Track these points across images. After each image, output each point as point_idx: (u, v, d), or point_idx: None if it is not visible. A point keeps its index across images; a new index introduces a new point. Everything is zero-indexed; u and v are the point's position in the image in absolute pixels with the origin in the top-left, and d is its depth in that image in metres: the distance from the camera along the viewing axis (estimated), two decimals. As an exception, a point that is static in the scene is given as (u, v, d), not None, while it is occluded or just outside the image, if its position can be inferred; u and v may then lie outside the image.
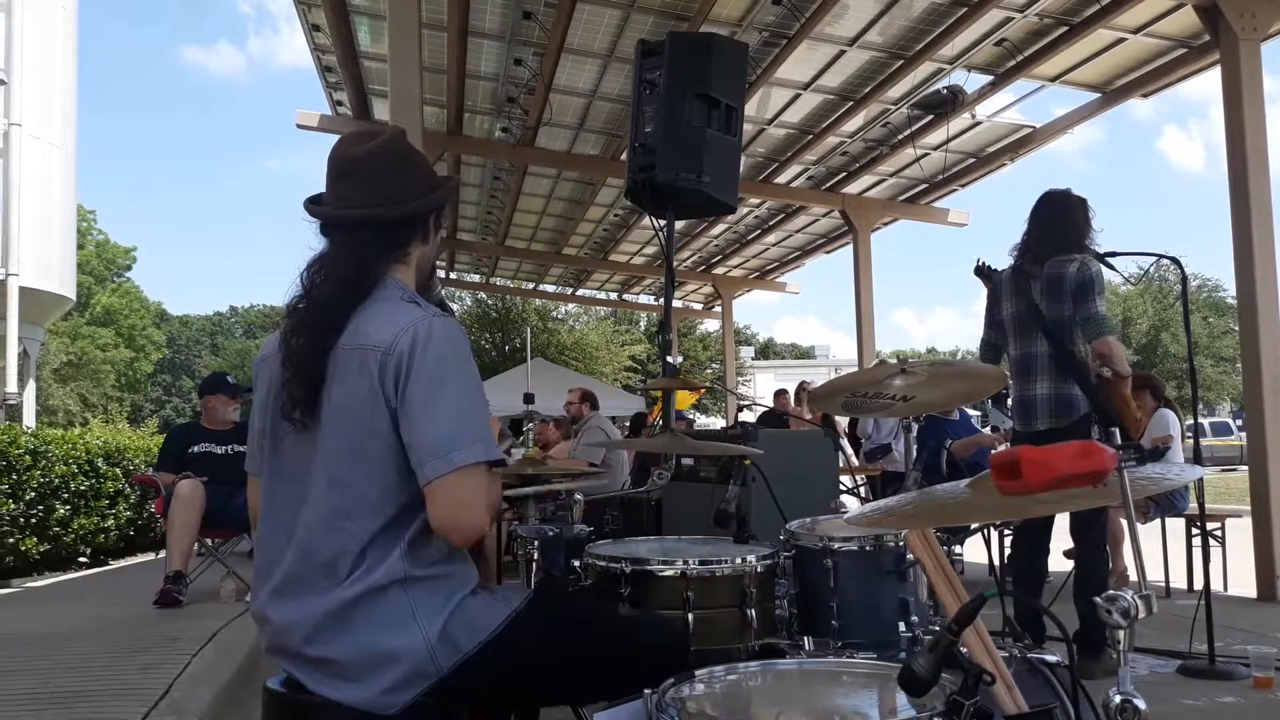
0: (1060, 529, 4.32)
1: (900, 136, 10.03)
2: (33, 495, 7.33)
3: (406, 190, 1.88)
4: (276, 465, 1.85)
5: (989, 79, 8.64)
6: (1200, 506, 4.92)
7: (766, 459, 2.95)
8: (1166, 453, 6.20)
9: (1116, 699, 1.29)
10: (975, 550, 7.44)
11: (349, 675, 1.70)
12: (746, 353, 49.88)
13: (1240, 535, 6.44)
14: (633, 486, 6.48)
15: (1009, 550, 5.14)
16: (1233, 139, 6.46)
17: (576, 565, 2.45)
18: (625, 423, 12.54)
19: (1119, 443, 1.37)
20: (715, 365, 35.10)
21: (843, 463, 6.31)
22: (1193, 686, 4.01)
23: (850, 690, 1.66)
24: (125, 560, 8.91)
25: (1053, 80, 8.54)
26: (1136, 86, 8.39)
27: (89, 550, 8.25)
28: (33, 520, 7.35)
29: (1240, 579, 6.40)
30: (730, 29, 7.77)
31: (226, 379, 5.95)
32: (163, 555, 5.44)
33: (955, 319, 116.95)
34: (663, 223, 4.75)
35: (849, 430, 9.33)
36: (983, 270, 5.63)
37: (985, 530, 5.09)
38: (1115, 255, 4.18)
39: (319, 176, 1.92)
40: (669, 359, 4.09)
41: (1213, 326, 41.06)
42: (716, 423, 29.86)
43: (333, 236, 1.88)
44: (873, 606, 2.34)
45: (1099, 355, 4.06)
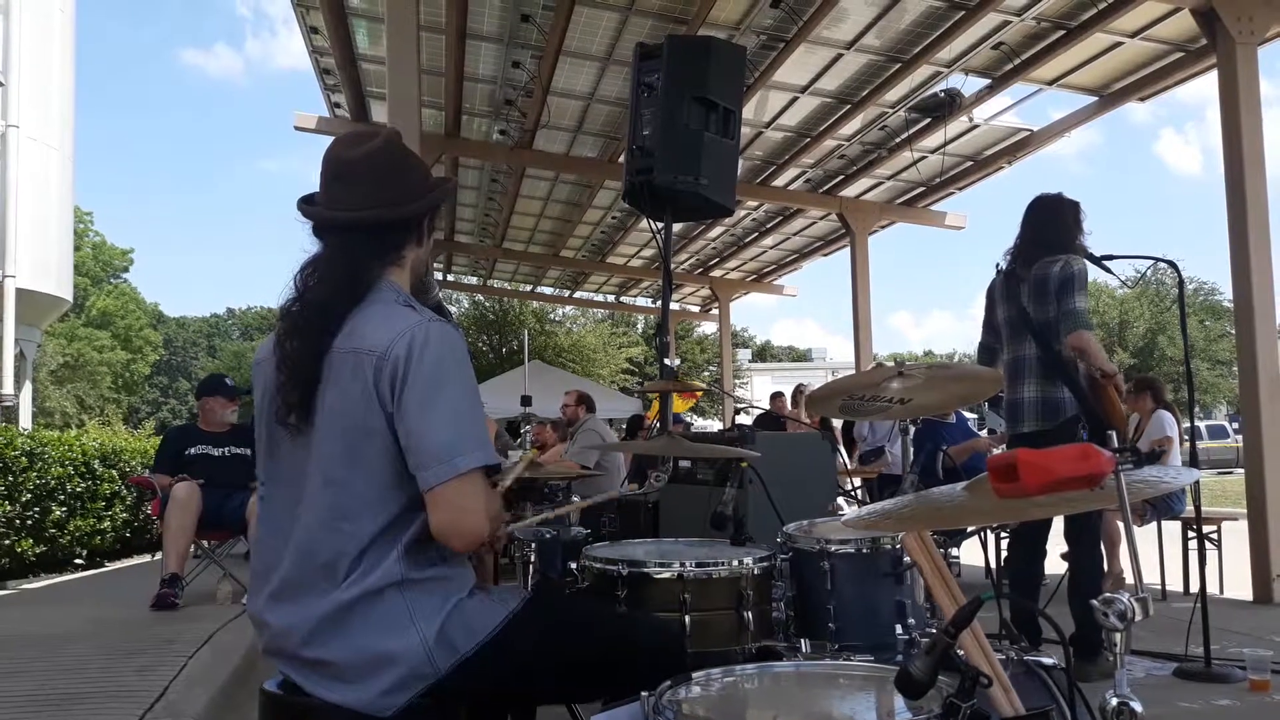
0: (1056, 532, 4.33)
1: (898, 140, 10.04)
2: (29, 497, 7.32)
3: (401, 193, 1.87)
4: (273, 468, 1.85)
5: (986, 82, 8.65)
6: (1197, 509, 4.94)
7: (763, 461, 2.96)
8: (1163, 455, 6.21)
9: (1113, 701, 1.29)
10: (972, 553, 7.45)
11: (346, 677, 1.70)
12: (744, 355, 49.92)
13: (1236, 538, 6.45)
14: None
15: (1006, 553, 5.14)
16: (1229, 142, 6.47)
17: (573, 567, 2.46)
18: (622, 425, 12.54)
19: (1115, 446, 1.37)
20: (713, 368, 35.11)
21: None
22: (1189, 689, 4.01)
23: (847, 693, 1.66)
24: (121, 562, 8.89)
25: (1050, 84, 8.56)
26: (1134, 90, 8.41)
27: (85, 552, 8.23)
28: (29, 522, 7.33)
29: (1236, 582, 6.40)
30: (728, 32, 7.78)
31: (224, 381, 5.93)
32: (159, 557, 5.43)
33: (952, 322, 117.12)
34: (660, 225, 4.75)
35: (843, 432, 9.32)
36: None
37: (982, 533, 5.09)
38: (1112, 258, 4.18)
39: (317, 179, 1.91)
40: (666, 361, 4.08)
41: (1209, 330, 41.12)
42: (714, 425, 29.88)
43: (327, 239, 1.88)
44: (870, 609, 2.34)
45: (1073, 349, 4.04)
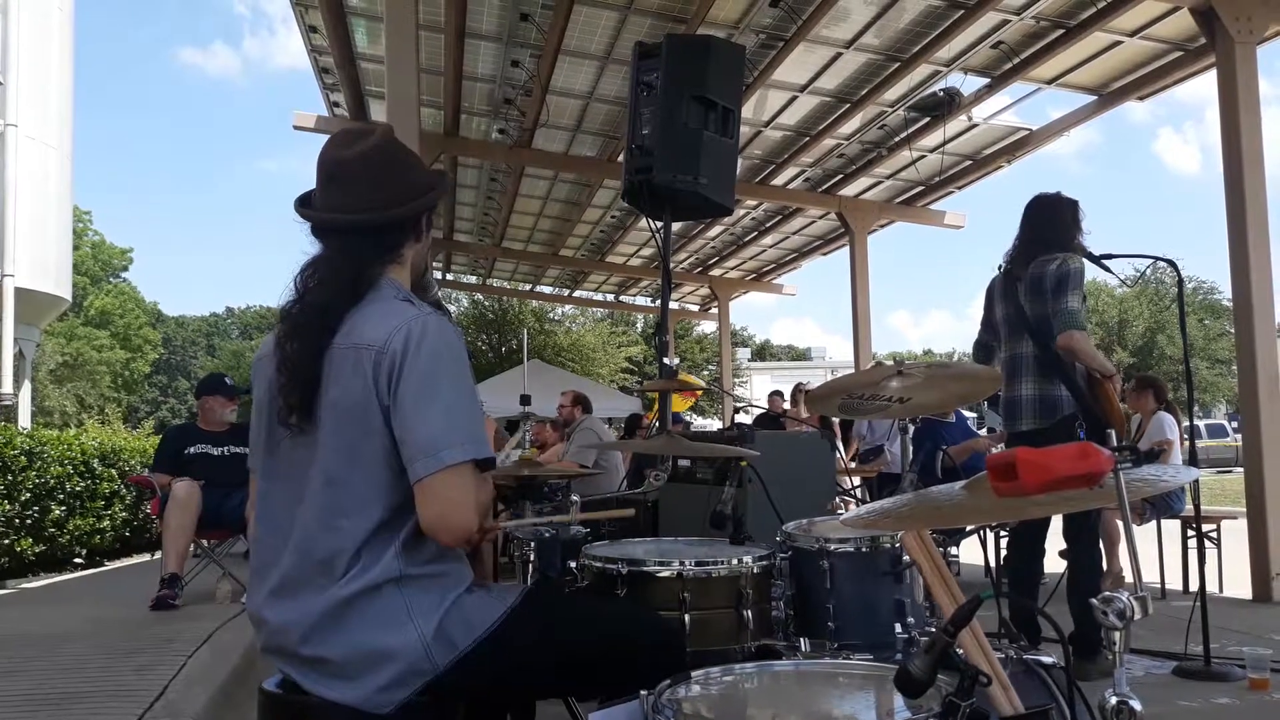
0: (1054, 530, 4.33)
1: (897, 139, 10.04)
2: (28, 496, 7.32)
3: (398, 192, 1.87)
4: (272, 466, 1.85)
5: (986, 81, 8.65)
6: (1196, 508, 4.94)
7: (763, 460, 2.96)
8: (1162, 456, 6.21)
9: (1112, 700, 1.29)
10: (972, 551, 7.45)
11: (344, 674, 1.69)
12: (743, 354, 49.92)
13: (1236, 537, 6.45)
14: (629, 488, 6.48)
15: (1005, 551, 5.14)
16: (1228, 142, 6.48)
17: (573, 566, 2.46)
18: (620, 424, 12.54)
19: (1115, 445, 1.37)
20: (712, 367, 35.10)
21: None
22: (1188, 688, 4.01)
23: (846, 692, 1.66)
24: (121, 561, 8.89)
25: (1049, 83, 8.56)
26: (1133, 89, 8.41)
27: (84, 551, 8.23)
28: (28, 521, 7.33)
29: (1236, 580, 6.41)
30: (727, 31, 7.78)
31: (224, 380, 5.93)
32: (158, 556, 5.42)
33: (951, 321, 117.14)
34: (659, 224, 4.75)
35: (841, 430, 9.31)
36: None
37: (981, 532, 5.09)
38: (1111, 257, 4.18)
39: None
40: (665, 360, 4.08)
41: (1208, 329, 41.16)
42: (713, 424, 29.88)
43: (326, 240, 1.88)
44: (869, 608, 2.34)
45: (1061, 349, 4.03)
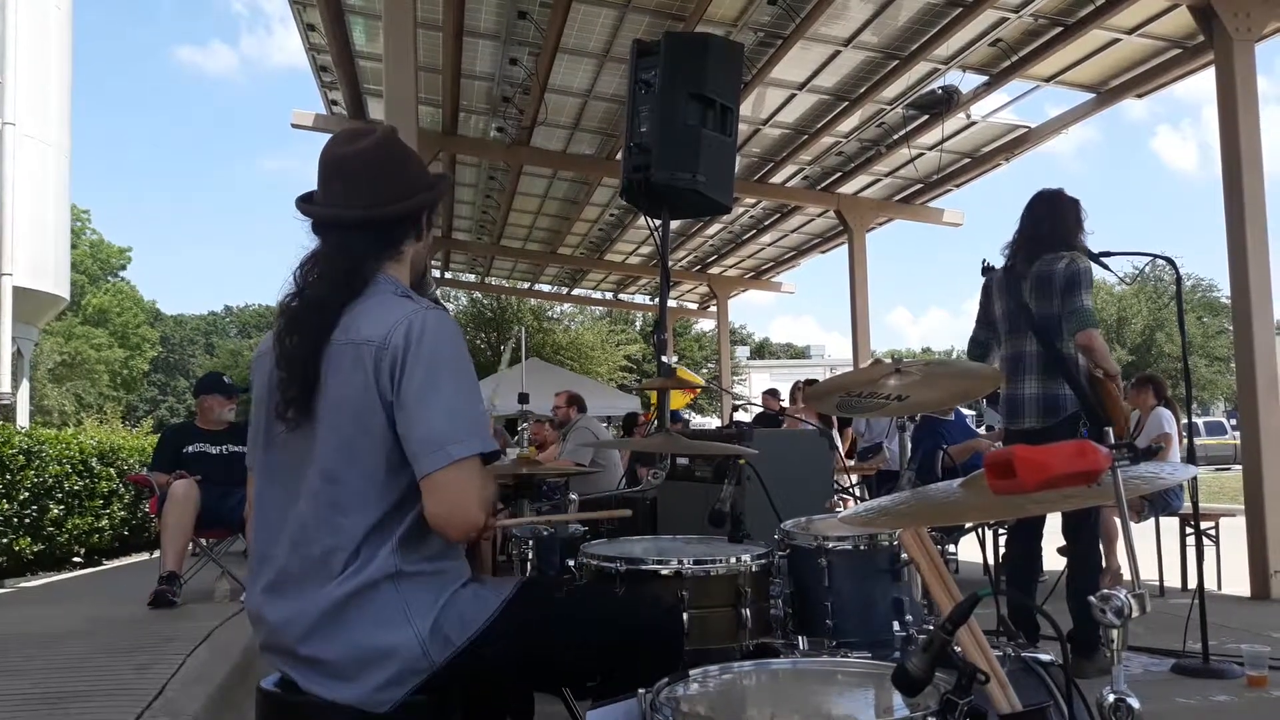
0: (1052, 527, 4.32)
1: (895, 136, 10.04)
2: (26, 495, 7.31)
3: (398, 189, 1.87)
4: (269, 463, 1.85)
5: (984, 79, 8.65)
6: (1194, 505, 4.94)
7: (761, 458, 2.96)
8: (1160, 452, 6.21)
9: (1110, 698, 1.29)
10: (970, 549, 7.46)
11: (342, 674, 1.69)
12: (742, 352, 49.98)
13: (1234, 534, 6.46)
14: (627, 486, 6.48)
15: (1004, 549, 5.14)
16: (1227, 139, 6.48)
17: (571, 564, 2.46)
18: (618, 423, 12.54)
19: (1112, 442, 1.37)
20: (711, 365, 35.12)
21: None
22: (1187, 685, 4.02)
23: (845, 690, 1.66)
24: (119, 560, 8.88)
25: (1048, 80, 8.56)
26: (1131, 87, 8.40)
27: (83, 550, 8.23)
28: (27, 520, 7.32)
29: (1234, 578, 6.42)
30: (726, 29, 7.77)
31: (222, 379, 5.92)
32: (157, 555, 5.42)
33: (949, 319, 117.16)
34: (658, 223, 4.75)
35: (838, 426, 9.31)
36: (990, 271, 5.62)
37: (980, 529, 5.09)
38: (1110, 255, 4.18)
39: (314, 176, 1.91)
40: (664, 359, 4.08)
41: (1207, 326, 41.17)
42: (712, 422, 29.88)
43: (325, 235, 1.88)
44: (867, 606, 2.34)
45: (1081, 348, 4.06)
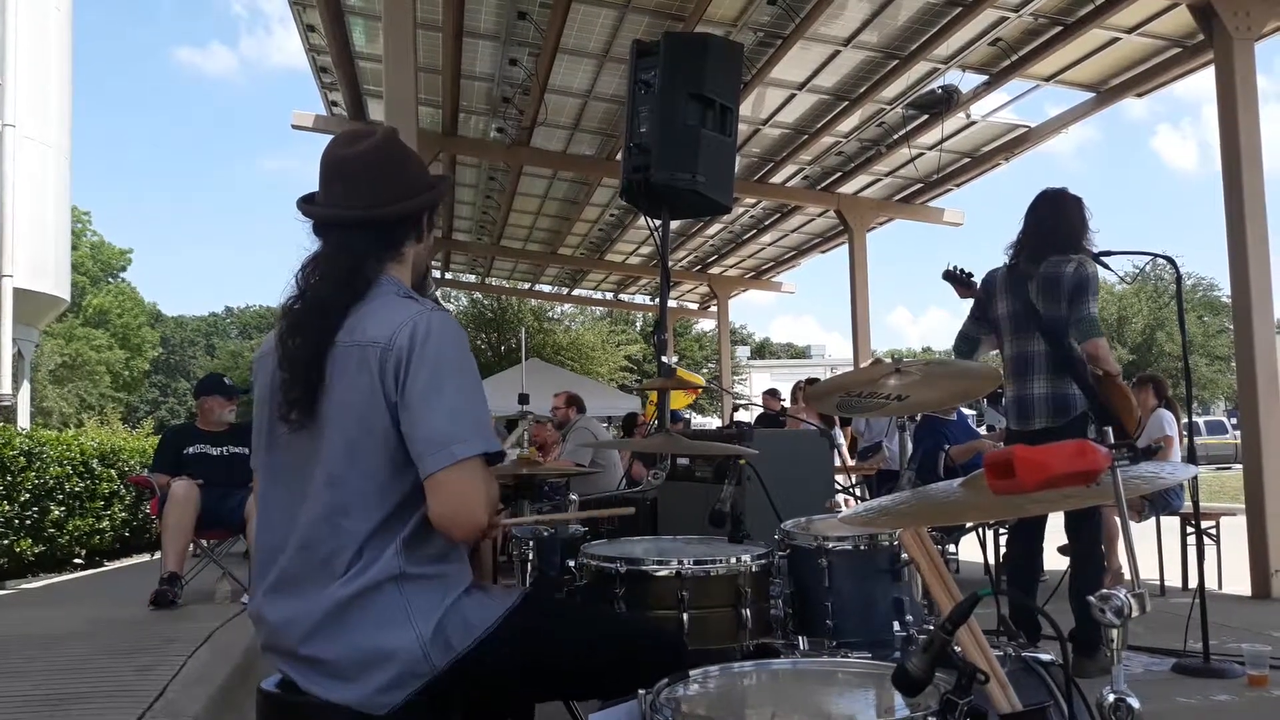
0: (1054, 525, 4.32)
1: (895, 136, 10.04)
2: (27, 497, 7.31)
3: (398, 190, 1.88)
4: (272, 464, 1.85)
5: (984, 79, 8.65)
6: (1195, 505, 4.94)
7: (762, 459, 2.96)
8: (1160, 453, 6.20)
9: (1111, 698, 1.29)
10: (971, 549, 7.46)
11: (343, 674, 1.69)
12: (742, 352, 49.97)
13: (1235, 533, 6.46)
14: (628, 487, 6.48)
15: (1004, 549, 5.14)
16: (1227, 138, 6.47)
17: (571, 565, 2.45)
18: (618, 423, 12.53)
19: (1112, 442, 1.37)
20: (711, 365, 35.12)
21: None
22: (1187, 685, 4.02)
23: (845, 690, 1.66)
24: (120, 561, 8.88)
25: (1047, 80, 8.56)
26: (1131, 86, 8.40)
27: (84, 552, 8.23)
28: (27, 522, 7.33)
29: (1235, 577, 6.41)
30: (725, 29, 7.77)
31: (223, 380, 5.92)
32: (158, 556, 5.42)
33: (950, 319, 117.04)
34: (658, 223, 4.75)
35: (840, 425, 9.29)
36: (953, 275, 5.59)
37: (980, 529, 5.09)
38: (1111, 254, 4.17)
39: (314, 177, 1.92)
40: (664, 359, 4.08)
41: (1207, 325, 41.15)
42: (713, 423, 29.88)
43: (327, 237, 1.88)
44: (867, 606, 2.34)
45: (1088, 356, 4.10)
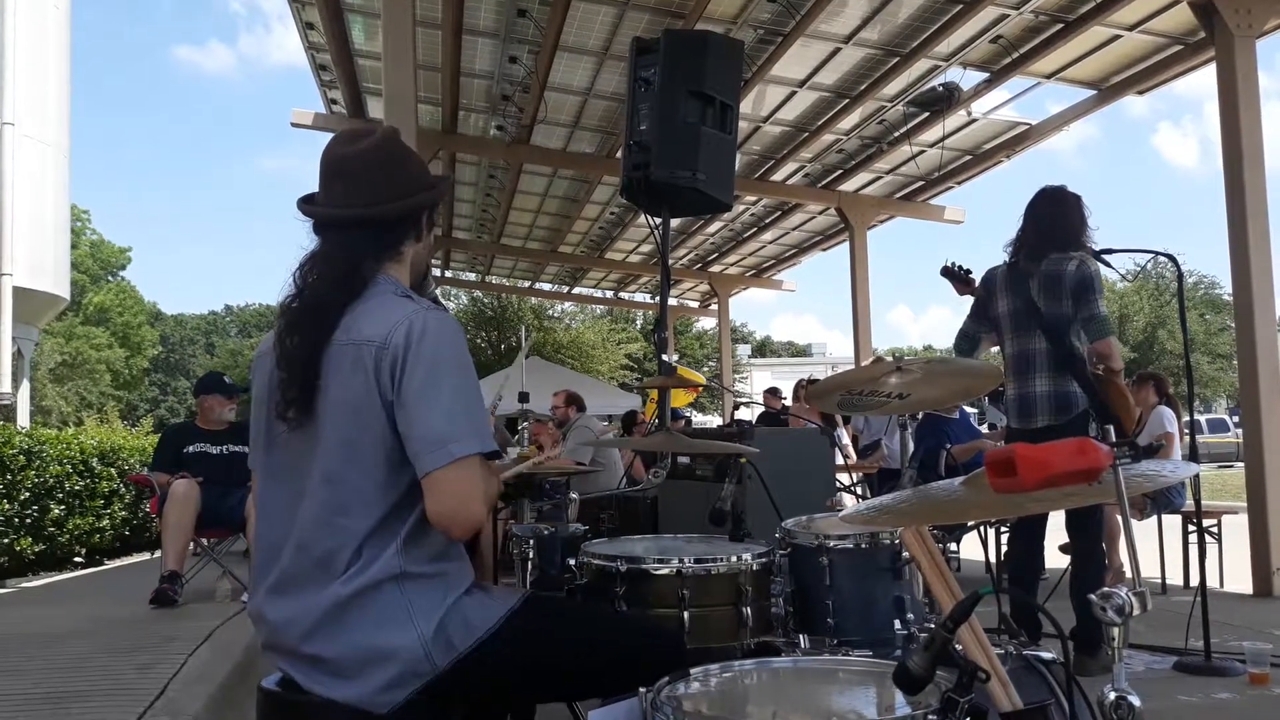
0: (1055, 524, 4.32)
1: (896, 134, 10.03)
2: (27, 495, 7.32)
3: (398, 189, 1.87)
4: (271, 463, 1.85)
5: (985, 76, 8.65)
6: (1196, 503, 4.93)
7: (763, 457, 2.95)
8: (1162, 450, 6.20)
9: (1112, 696, 1.28)
10: (972, 547, 7.46)
11: (344, 673, 1.69)
12: (743, 350, 49.99)
13: (1236, 532, 6.46)
14: (628, 485, 6.47)
15: (1005, 547, 5.14)
16: (1228, 136, 6.47)
17: (572, 564, 2.45)
18: (619, 421, 12.51)
19: (1114, 440, 1.36)
20: (712, 363, 35.12)
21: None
22: (1189, 683, 4.01)
23: (846, 688, 1.65)
24: (120, 560, 8.89)
25: (1048, 77, 8.55)
26: (1132, 83, 8.40)
27: (84, 550, 8.23)
28: (27, 520, 7.33)
29: (1236, 575, 6.41)
30: (725, 26, 7.77)
31: (222, 379, 5.92)
32: (158, 555, 5.42)
33: (951, 317, 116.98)
34: (658, 221, 4.74)
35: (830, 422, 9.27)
36: (952, 271, 5.59)
37: (981, 528, 5.09)
38: (1111, 252, 4.17)
39: (314, 175, 1.91)
40: (665, 357, 4.07)
41: (1209, 323, 41.14)
42: (713, 421, 29.90)
43: (325, 235, 1.88)
44: (868, 604, 2.34)
45: (1099, 355, 4.10)
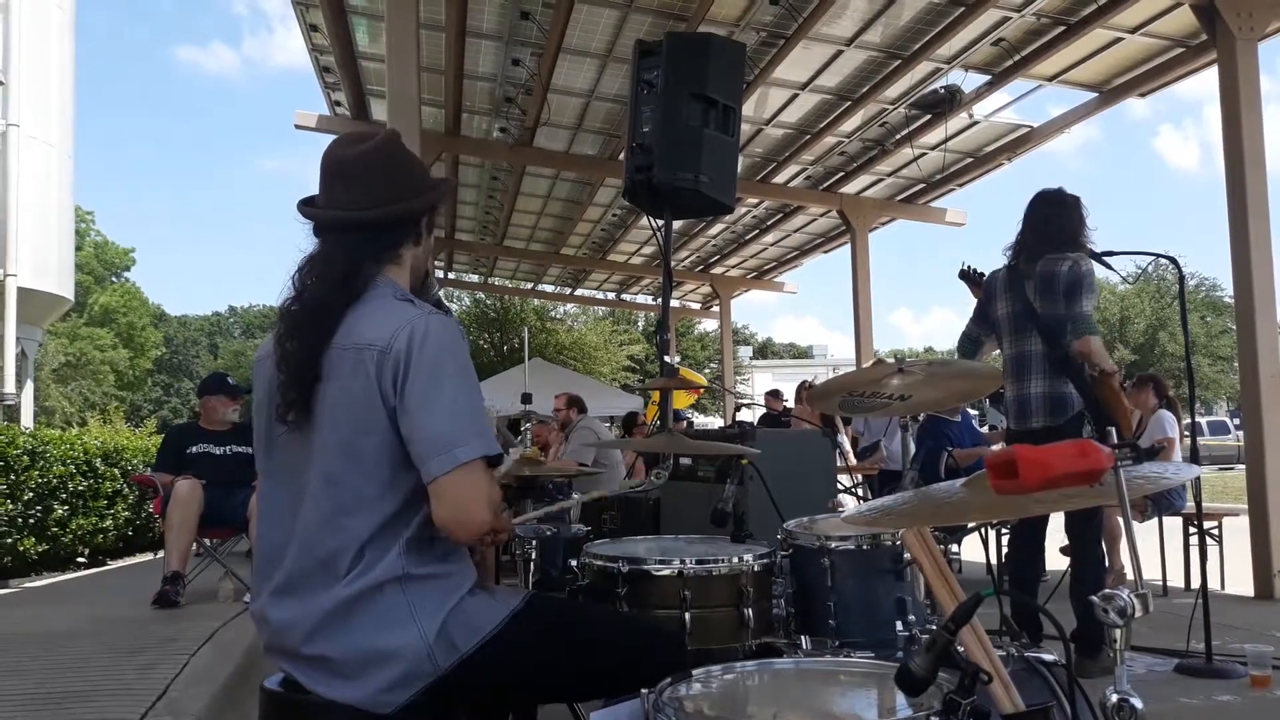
0: (1055, 526, 4.32)
1: (898, 136, 10.03)
2: (31, 495, 7.33)
3: (398, 191, 1.88)
4: (273, 465, 1.85)
5: (986, 79, 8.64)
6: (1197, 505, 4.93)
7: (764, 458, 2.95)
8: (1162, 452, 6.20)
9: (1113, 698, 1.29)
10: (973, 549, 7.45)
11: (346, 674, 1.70)
12: (745, 352, 49.94)
13: (1237, 534, 6.45)
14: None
15: (1006, 549, 5.14)
16: (1230, 139, 6.47)
17: (574, 565, 2.45)
18: (620, 422, 12.52)
19: (1115, 442, 1.37)
20: (714, 365, 35.11)
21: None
22: (1190, 685, 4.01)
23: (847, 689, 1.66)
24: (123, 560, 8.91)
25: (1050, 80, 8.55)
26: (1134, 86, 8.39)
27: (87, 550, 8.25)
28: (31, 520, 7.34)
29: (1237, 578, 6.41)
30: (728, 29, 7.77)
31: (226, 380, 5.93)
32: (161, 555, 5.43)
33: (952, 319, 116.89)
34: (660, 223, 4.75)
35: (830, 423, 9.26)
36: (968, 274, 5.60)
37: (982, 529, 5.09)
38: (1113, 254, 4.18)
39: (317, 177, 1.92)
40: (667, 359, 4.08)
41: (1210, 325, 41.11)
42: (715, 422, 29.87)
43: (325, 237, 1.89)
44: (870, 606, 2.34)
45: (1080, 354, 4.09)
